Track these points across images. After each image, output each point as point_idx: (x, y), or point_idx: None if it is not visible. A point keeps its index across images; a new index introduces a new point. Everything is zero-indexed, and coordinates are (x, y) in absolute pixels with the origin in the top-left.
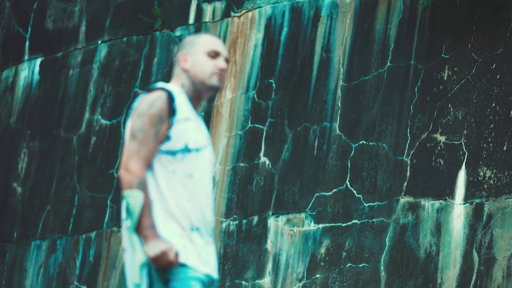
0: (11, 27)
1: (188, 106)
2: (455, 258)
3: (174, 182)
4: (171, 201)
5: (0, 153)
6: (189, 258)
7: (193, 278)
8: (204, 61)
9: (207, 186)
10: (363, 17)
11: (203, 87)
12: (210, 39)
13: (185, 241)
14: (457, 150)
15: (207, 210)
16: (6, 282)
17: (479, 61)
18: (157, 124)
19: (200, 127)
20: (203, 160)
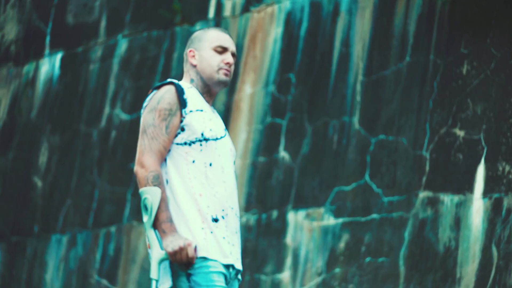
0: (31, 22)
1: (201, 99)
2: (474, 252)
3: (195, 172)
4: (195, 191)
5: (21, 147)
6: (210, 251)
7: (215, 272)
8: (211, 56)
9: (228, 174)
10: (382, 12)
11: (211, 82)
12: (217, 34)
13: (206, 233)
14: (476, 144)
15: (230, 199)
16: (27, 276)
17: (498, 56)
18: (167, 118)
19: (215, 120)
20: (222, 149)
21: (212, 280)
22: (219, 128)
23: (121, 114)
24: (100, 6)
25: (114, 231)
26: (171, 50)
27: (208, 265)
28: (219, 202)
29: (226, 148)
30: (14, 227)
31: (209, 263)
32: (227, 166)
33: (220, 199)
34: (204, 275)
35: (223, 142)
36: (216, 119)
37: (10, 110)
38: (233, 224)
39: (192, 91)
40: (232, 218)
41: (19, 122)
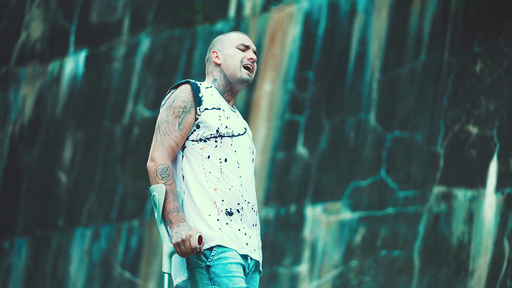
0: (56, 21)
1: (220, 98)
2: (487, 246)
3: (210, 167)
4: (209, 185)
5: (46, 143)
6: (226, 240)
7: (233, 263)
8: (234, 53)
9: (245, 170)
10: (398, 11)
11: (234, 80)
12: (238, 35)
13: (222, 224)
14: (489, 141)
15: (246, 194)
16: (52, 269)
17: (510, 54)
18: (181, 115)
19: (234, 118)
20: (239, 146)
21: (230, 271)
22: (237, 126)
23: (143, 111)
24: (123, 5)
25: (137, 225)
26: (192, 48)
27: (226, 256)
28: (234, 196)
29: (244, 145)
30: (39, 221)
31: (227, 254)
32: (244, 162)
33: (236, 193)
34: (223, 266)
35: (240, 139)
36: (235, 117)
37: (35, 107)
38: (249, 218)
39: (211, 90)
40: (248, 212)
41: (44, 119)
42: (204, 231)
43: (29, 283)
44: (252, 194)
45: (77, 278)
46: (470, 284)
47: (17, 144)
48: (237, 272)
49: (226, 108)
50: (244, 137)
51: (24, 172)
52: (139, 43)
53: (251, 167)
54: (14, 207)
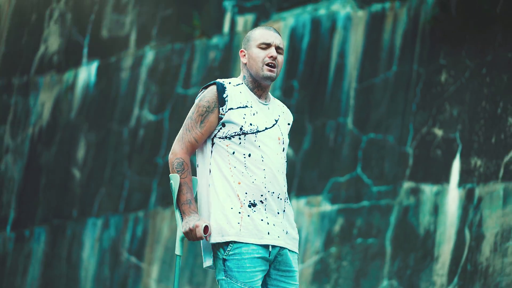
0: (71, 35)
1: (248, 95)
2: (450, 235)
3: (235, 162)
4: (234, 179)
5: (62, 144)
6: (244, 235)
7: (247, 258)
8: (256, 53)
9: (269, 163)
10: (373, 28)
11: (258, 78)
12: (261, 32)
13: (243, 217)
14: (452, 142)
15: (270, 185)
16: (67, 254)
17: (471, 66)
18: (204, 113)
19: (261, 113)
20: (264, 140)
21: (243, 266)
22: (264, 121)
23: (148, 115)
24: (130, 22)
25: (142, 216)
26: (191, 60)
27: (241, 252)
28: (257, 189)
29: (271, 137)
30: (56, 212)
31: (242, 250)
32: (269, 154)
33: (259, 186)
34: (237, 262)
35: (267, 133)
36: (265, 111)
37: (52, 111)
38: (274, 207)
39: (240, 88)
40: (273, 201)
41: (60, 122)
42: (222, 225)
43: (46, 267)
44: (278, 183)
45: (89, 262)
46: (435, 268)
47: (36, 144)
48: (250, 268)
49: (255, 103)
50: (272, 130)
51: (43, 169)
52: (144, 55)
53: (279, 158)
54: (34, 200)
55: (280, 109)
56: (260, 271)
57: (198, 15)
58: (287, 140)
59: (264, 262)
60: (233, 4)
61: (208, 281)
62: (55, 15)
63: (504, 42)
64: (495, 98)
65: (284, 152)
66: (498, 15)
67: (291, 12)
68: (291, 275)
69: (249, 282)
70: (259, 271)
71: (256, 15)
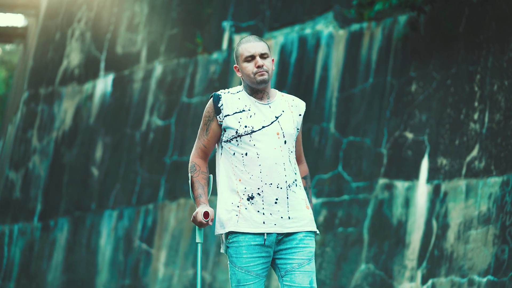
0: (90, 51)
1: (247, 99)
2: (419, 225)
3: (235, 161)
4: (235, 178)
5: (82, 145)
6: (241, 226)
7: (244, 246)
8: (245, 67)
9: (265, 157)
10: (352, 45)
11: (254, 85)
12: (243, 47)
13: (241, 210)
14: (421, 144)
15: (267, 177)
16: (86, 241)
17: (438, 78)
18: (207, 122)
19: (260, 113)
20: (260, 138)
21: (240, 253)
22: (262, 120)
23: (157, 121)
24: (141, 40)
25: (152, 208)
26: (194, 73)
27: (239, 240)
28: (254, 183)
29: (268, 134)
30: (77, 205)
31: (239, 239)
32: (266, 150)
33: (255, 180)
34: (235, 249)
35: (263, 132)
36: (265, 110)
37: (74, 117)
38: (271, 197)
39: (239, 95)
40: (271, 191)
41: (81, 126)
42: (224, 218)
43: (69, 252)
44: (277, 174)
45: (106, 249)
46: (407, 254)
47: (60, 146)
48: (246, 254)
49: (254, 106)
50: (271, 127)
51: (65, 167)
52: (153, 69)
53: (277, 151)
54: (58, 194)
55: (287, 104)
56: (259, 257)
57: (200, 34)
58: (294, 131)
59: (263, 249)
60: (231, 24)
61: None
62: (76, 34)
63: (466, 57)
64: (458, 106)
65: (286, 144)
66: (460, 33)
67: (281, 31)
68: (296, 251)
69: (246, 266)
70: (257, 257)
71: (250, 34)
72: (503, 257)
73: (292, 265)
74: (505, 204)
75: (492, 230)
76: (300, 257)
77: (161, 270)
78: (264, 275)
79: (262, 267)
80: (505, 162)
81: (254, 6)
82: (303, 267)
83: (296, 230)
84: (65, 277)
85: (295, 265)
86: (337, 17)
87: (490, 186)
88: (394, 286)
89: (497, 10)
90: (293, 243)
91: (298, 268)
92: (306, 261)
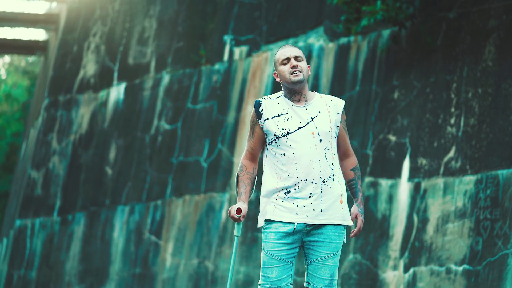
0: (104, 62)
1: (285, 103)
2: (402, 219)
3: (276, 161)
4: (277, 176)
5: (97, 147)
6: (276, 215)
7: (273, 232)
8: (282, 69)
9: (301, 155)
10: (341, 56)
11: (291, 86)
12: (279, 52)
13: (278, 202)
14: (403, 146)
15: (302, 173)
16: (101, 234)
17: (418, 86)
18: (252, 127)
19: (295, 116)
20: (296, 139)
21: (269, 238)
22: (298, 121)
23: (164, 125)
24: (150, 52)
25: (160, 204)
26: (199, 82)
27: (270, 227)
28: (292, 180)
29: (303, 135)
30: (92, 201)
31: (271, 225)
32: (302, 149)
33: (292, 177)
34: (266, 234)
35: (299, 133)
36: (301, 112)
37: (90, 122)
38: (306, 191)
39: (279, 100)
40: (306, 186)
41: (96, 130)
42: (263, 208)
43: (85, 244)
44: (312, 170)
45: (118, 240)
46: (390, 245)
47: (77, 148)
48: (273, 239)
49: (291, 109)
50: (306, 128)
51: (82, 167)
52: (161, 78)
53: (313, 149)
54: (75, 191)
55: (325, 104)
56: (284, 243)
57: (203, 47)
58: (331, 129)
59: (290, 237)
60: (231, 38)
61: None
62: (92, 46)
63: (443, 68)
64: (436, 111)
65: (322, 143)
66: (438, 46)
67: (276, 44)
68: (320, 245)
69: (271, 251)
70: (283, 243)
71: (249, 47)
72: (477, 248)
73: (317, 257)
74: (479, 200)
75: (468, 223)
76: (325, 251)
77: (168, 260)
78: (289, 260)
79: (288, 253)
80: (479, 162)
81: (252, 21)
82: (326, 261)
83: (326, 222)
84: (82, 266)
85: (320, 258)
86: (327, 32)
87: (465, 184)
88: (379, 274)
89: (471, 25)
90: (321, 237)
91: (322, 261)
92: (330, 255)
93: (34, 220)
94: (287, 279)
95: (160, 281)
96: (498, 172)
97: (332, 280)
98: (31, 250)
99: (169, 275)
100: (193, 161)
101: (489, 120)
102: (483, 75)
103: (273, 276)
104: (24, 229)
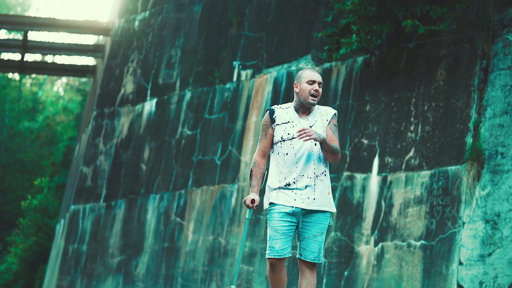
0: (140, 82)
1: (292, 114)
2: (372, 204)
3: (279, 159)
4: (279, 170)
5: (134, 148)
6: (278, 199)
7: (276, 212)
8: (305, 87)
9: (300, 156)
10: (325, 77)
11: (305, 102)
12: (309, 73)
13: (280, 190)
14: (373, 147)
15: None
16: (137, 216)
17: (385, 101)
18: (265, 129)
19: (299, 125)
20: (298, 143)
21: (273, 216)
22: None
23: (187, 131)
24: (175, 74)
25: (183, 193)
26: (214, 98)
27: (274, 208)
28: (292, 175)
29: (300, 142)
30: (131, 190)
31: (275, 208)
32: (301, 151)
33: (292, 173)
34: (271, 214)
35: (297, 139)
36: (304, 123)
37: (129, 129)
38: (302, 184)
39: (289, 110)
40: (303, 180)
41: (133, 135)
42: (268, 194)
43: (125, 224)
44: (308, 168)
45: (151, 221)
46: (363, 225)
47: (119, 149)
48: (277, 217)
49: (296, 120)
50: None
51: (123, 164)
52: (184, 94)
53: (309, 151)
54: (117, 183)
55: (320, 114)
56: (285, 221)
57: (217, 70)
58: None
59: (289, 216)
60: (239, 64)
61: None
62: (130, 70)
63: (405, 87)
64: (399, 121)
65: (317, 146)
66: (401, 70)
67: (274, 68)
68: (311, 225)
69: (275, 226)
70: (284, 221)
71: (253, 70)
72: (432, 227)
73: (308, 235)
74: (433, 190)
75: (424, 208)
76: (315, 230)
77: (190, 236)
78: (289, 234)
79: (288, 228)
80: (433, 160)
81: (255, 50)
82: (316, 238)
83: (317, 209)
84: (122, 242)
85: (311, 235)
86: (314, 58)
87: (422, 177)
88: (355, 248)
89: (427, 53)
90: (313, 219)
91: (313, 238)
92: (319, 233)
93: (85, 205)
94: (288, 249)
95: (183, 253)
96: (448, 168)
97: (320, 253)
98: (82, 229)
99: (190, 248)
100: (209, 159)
101: (441, 127)
102: (436, 92)
103: (277, 247)
104: (77, 212)
